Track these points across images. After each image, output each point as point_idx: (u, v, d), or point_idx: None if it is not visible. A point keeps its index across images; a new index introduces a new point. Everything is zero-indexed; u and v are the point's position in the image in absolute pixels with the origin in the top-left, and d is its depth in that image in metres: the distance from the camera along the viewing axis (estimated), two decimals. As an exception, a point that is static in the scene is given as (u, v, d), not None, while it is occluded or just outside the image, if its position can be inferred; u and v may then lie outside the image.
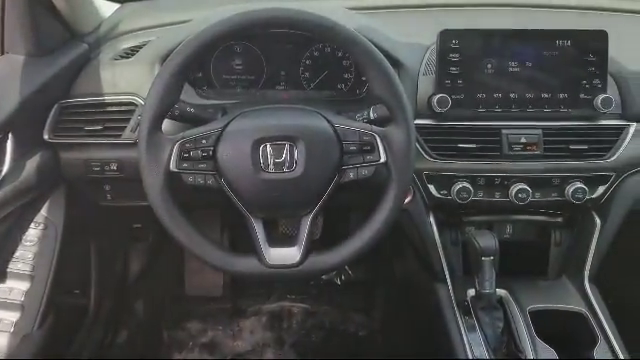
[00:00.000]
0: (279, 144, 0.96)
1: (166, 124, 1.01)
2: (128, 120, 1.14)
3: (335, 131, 0.98)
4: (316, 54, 1.24)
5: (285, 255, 0.98)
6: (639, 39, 1.42)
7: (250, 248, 0.99)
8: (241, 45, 1.23)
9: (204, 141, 0.96)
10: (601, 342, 1.12)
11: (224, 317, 1.96)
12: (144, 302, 1.78)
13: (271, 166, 0.95)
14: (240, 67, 1.24)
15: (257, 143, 0.95)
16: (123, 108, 1.14)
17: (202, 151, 0.96)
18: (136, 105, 1.14)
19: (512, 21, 1.26)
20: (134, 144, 1.06)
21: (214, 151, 0.96)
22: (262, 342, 1.89)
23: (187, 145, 0.95)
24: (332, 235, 1.08)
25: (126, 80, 1.16)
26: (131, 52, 1.24)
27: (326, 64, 1.25)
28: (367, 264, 2.02)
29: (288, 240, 1.00)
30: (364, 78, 1.16)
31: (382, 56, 0.97)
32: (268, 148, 0.95)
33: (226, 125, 0.97)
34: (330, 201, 1.00)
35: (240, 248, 1.04)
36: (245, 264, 0.99)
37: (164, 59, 1.10)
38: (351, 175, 0.99)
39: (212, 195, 0.99)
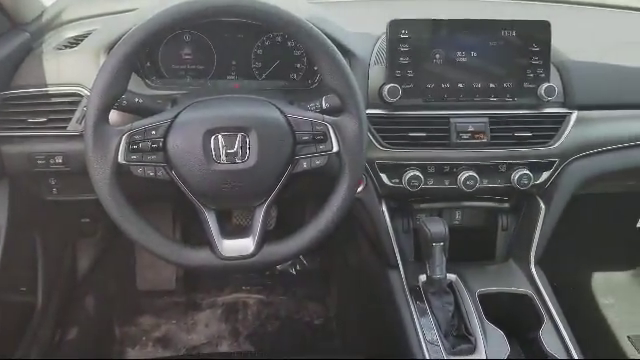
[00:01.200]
0: (231, 134, 0.95)
1: (114, 115, 0.98)
2: (73, 111, 1.10)
3: (288, 121, 0.98)
4: (267, 44, 1.23)
5: (239, 246, 0.98)
6: (581, 30, 1.47)
7: (203, 240, 0.98)
8: (190, 34, 1.21)
9: (153, 132, 0.94)
10: (547, 322, 1.16)
11: (178, 311, 1.94)
12: (94, 298, 1.74)
13: (223, 157, 0.94)
14: (190, 57, 1.22)
15: (208, 134, 0.94)
16: (68, 99, 1.11)
17: (152, 142, 0.94)
18: (81, 96, 1.10)
19: (460, 12, 1.28)
20: (80, 136, 1.03)
21: (164, 142, 0.94)
22: (217, 334, 1.88)
23: (136, 136, 0.93)
24: (287, 225, 1.08)
25: (70, 70, 1.13)
26: (75, 41, 1.20)
27: (278, 54, 1.24)
28: (322, 253, 2.04)
29: (242, 231, 0.99)
30: (316, 68, 1.16)
31: (333, 46, 0.97)
32: (220, 139, 0.94)
33: (176, 116, 0.95)
34: (284, 191, 1.00)
35: (193, 240, 1.03)
36: (198, 257, 0.98)
37: (110, 48, 1.07)
38: (304, 165, 0.99)
39: (163, 187, 0.97)
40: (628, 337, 1.91)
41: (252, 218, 0.99)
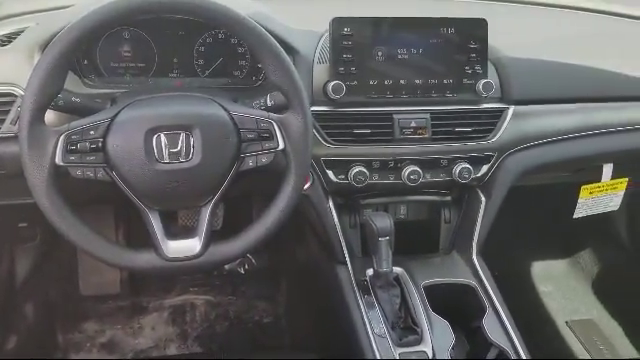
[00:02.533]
0: (174, 133, 0.93)
1: (50, 116, 0.95)
2: (7, 112, 1.05)
3: (232, 119, 0.97)
4: (209, 41, 1.22)
5: (185, 247, 0.96)
6: (517, 27, 1.53)
7: (148, 242, 0.96)
8: (129, 31, 1.18)
9: (92, 132, 0.91)
10: (489, 311, 1.20)
11: (123, 315, 1.89)
12: (34, 305, 1.68)
13: (166, 156, 0.93)
14: (129, 54, 1.19)
15: (150, 133, 0.92)
16: (1, 99, 1.06)
17: (90, 143, 0.91)
18: (15, 96, 1.05)
19: (402, 10, 1.31)
20: (15, 138, 0.99)
21: (104, 142, 0.91)
22: (165, 337, 1.84)
23: (74, 137, 0.90)
24: (234, 224, 1.07)
25: (3, 69, 1.08)
26: (7, 39, 1.15)
27: (220, 51, 1.22)
28: (270, 251, 2.03)
29: (188, 232, 0.98)
30: (260, 65, 1.15)
31: (277, 43, 0.97)
32: (162, 138, 0.92)
33: (116, 115, 0.93)
34: (230, 190, 0.99)
35: (137, 243, 1.00)
36: (142, 259, 0.96)
37: (45, 46, 1.03)
38: (250, 163, 0.98)
39: (104, 189, 0.95)
40: (566, 322, 2.00)
41: (198, 218, 0.98)
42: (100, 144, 0.91)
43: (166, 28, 1.19)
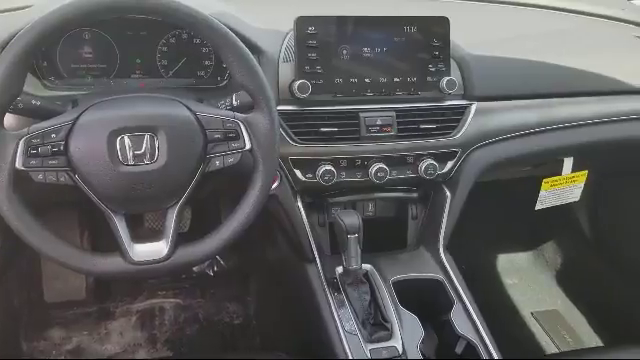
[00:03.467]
0: (138, 135, 0.92)
1: (9, 119, 0.93)
2: None
3: (197, 119, 0.96)
4: (173, 41, 1.20)
5: (152, 250, 0.95)
6: (479, 25, 1.56)
7: (114, 246, 0.95)
8: (90, 32, 1.15)
9: (53, 135, 0.89)
10: (457, 304, 1.22)
11: (89, 321, 1.85)
12: (-3, 313, 1.63)
13: (130, 159, 0.91)
14: (90, 55, 1.16)
15: (113, 135, 0.91)
16: None
17: (52, 146, 0.89)
18: None
19: (366, 8, 1.32)
20: None
21: (66, 145, 0.90)
22: (133, 342, 1.81)
23: (34, 140, 0.88)
24: (202, 226, 1.06)
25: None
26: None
27: (184, 51, 1.21)
28: (239, 252, 2.02)
29: (154, 234, 0.97)
30: (225, 65, 1.15)
31: (241, 43, 0.96)
32: (126, 140, 0.91)
33: (78, 117, 0.91)
34: (197, 191, 0.98)
35: (103, 247, 0.98)
36: (108, 263, 0.94)
37: (2, 48, 1.00)
38: (217, 163, 0.98)
39: (67, 193, 0.93)
40: (532, 313, 2.04)
41: (164, 220, 0.97)
42: (62, 147, 0.90)
43: (128, 28, 1.17)
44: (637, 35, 1.69)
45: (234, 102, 1.04)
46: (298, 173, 1.21)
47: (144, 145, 0.92)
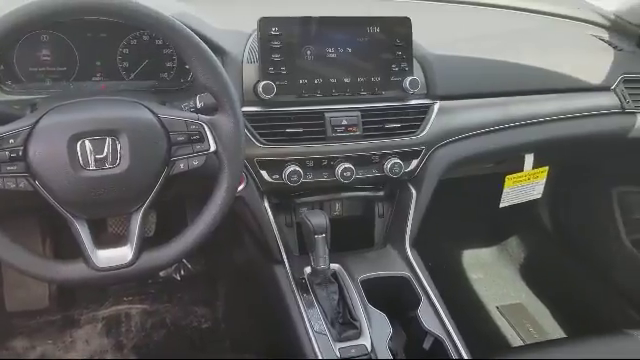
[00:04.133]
0: (99, 139, 0.90)
1: (-36, 124, 0.90)
2: None
3: (160, 122, 0.95)
4: (134, 43, 1.18)
5: (116, 256, 0.93)
6: (440, 25, 1.58)
7: (77, 253, 0.93)
8: (48, 34, 1.12)
9: (11, 140, 0.87)
10: (424, 301, 1.23)
11: (54, 330, 1.81)
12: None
13: (92, 163, 0.89)
14: (48, 58, 1.14)
15: (74, 139, 0.89)
16: None
17: (10, 152, 0.86)
18: None
19: (329, 9, 1.32)
20: None
21: (24, 151, 0.87)
22: (100, 350, 1.78)
23: None
24: (168, 230, 1.05)
25: None
26: None
27: (146, 53, 1.20)
28: (206, 255, 2.00)
29: (118, 240, 0.95)
30: (187, 66, 1.14)
31: (204, 44, 0.96)
32: (87, 144, 0.89)
33: (37, 121, 0.89)
34: (161, 195, 0.97)
35: (66, 254, 0.96)
36: (71, 270, 0.92)
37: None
38: (181, 166, 0.97)
39: (27, 199, 0.91)
40: (497, 307, 2.08)
41: (128, 225, 0.95)
42: (21, 153, 0.87)
43: (87, 30, 1.15)
44: (592, 34, 1.74)
45: (198, 104, 1.03)
46: (264, 174, 1.21)
47: (105, 149, 0.90)
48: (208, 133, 0.97)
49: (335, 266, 1.26)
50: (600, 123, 1.55)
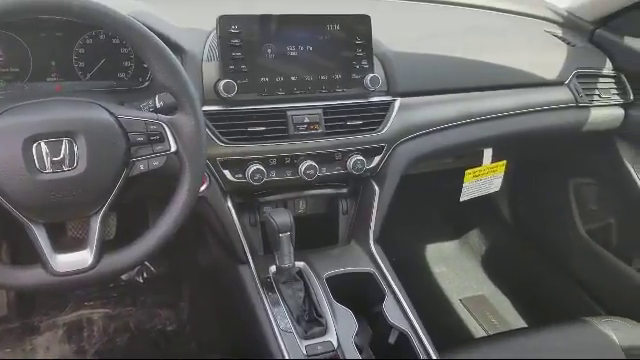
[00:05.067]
0: (56, 141, 0.88)
1: None
2: None
3: (119, 122, 0.93)
4: (90, 42, 1.16)
5: (75, 260, 0.91)
6: (399, 23, 1.59)
7: (35, 258, 0.90)
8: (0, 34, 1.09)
9: None
10: (388, 296, 1.24)
11: (13, 338, 1.76)
12: None
13: (48, 166, 0.87)
14: (1, 59, 1.10)
15: (29, 141, 0.86)
16: None
17: None
18: None
19: (289, 6, 1.32)
20: None
21: None
22: (61, 356, 1.74)
23: None
24: (130, 232, 1.03)
25: None
26: None
27: (102, 52, 1.17)
28: (169, 257, 1.98)
29: (78, 244, 0.93)
30: (146, 65, 1.12)
31: (162, 42, 0.94)
32: (43, 146, 0.87)
33: None
34: (121, 197, 0.95)
35: (24, 260, 0.94)
36: (29, 276, 0.90)
37: None
38: (141, 167, 0.95)
39: None
40: (460, 300, 2.12)
41: (88, 228, 0.93)
42: None
43: (41, 30, 1.12)
44: (547, 30, 1.79)
45: (157, 103, 1.01)
46: (227, 174, 1.20)
47: (62, 151, 0.88)
48: (168, 133, 0.95)
49: (300, 264, 1.26)
50: (555, 117, 1.59)
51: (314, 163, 1.24)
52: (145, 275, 1.98)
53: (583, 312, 1.41)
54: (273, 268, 1.23)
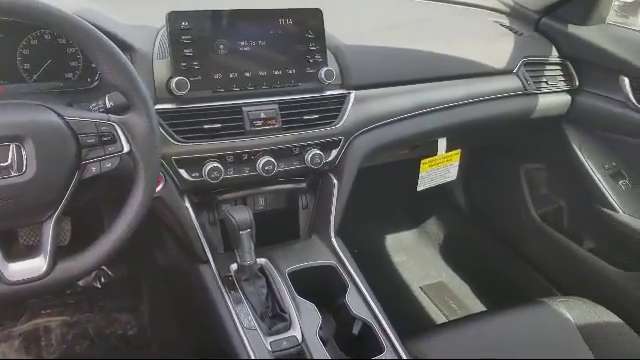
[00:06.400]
0: (2, 146, 0.85)
1: None
2: None
3: (68, 124, 0.90)
4: (35, 42, 1.12)
5: (28, 268, 0.88)
6: (350, 16, 1.60)
7: None
8: None
9: None
10: (350, 287, 1.25)
11: (-35, 352, 1.69)
12: None
13: None
14: None
15: None
16: None
17: None
18: None
19: (239, 1, 1.31)
20: None
21: None
22: (18, 367, 1.68)
23: None
24: (85, 237, 1.00)
25: None
26: None
27: (48, 53, 1.13)
28: (127, 260, 1.94)
29: (30, 251, 0.90)
30: (94, 65, 1.09)
31: (110, 41, 0.92)
32: None
33: None
34: (74, 201, 0.92)
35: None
36: None
37: None
38: (93, 170, 0.93)
39: None
40: (420, 287, 2.16)
41: (40, 235, 0.91)
42: None
43: None
44: (495, 20, 1.83)
45: (107, 104, 0.98)
46: (183, 173, 1.18)
47: (10, 156, 0.85)
48: (120, 133, 0.93)
49: (262, 260, 1.25)
50: (505, 105, 1.63)
51: (272, 159, 1.23)
52: (103, 280, 1.93)
53: (539, 294, 1.46)
54: (234, 266, 1.22)
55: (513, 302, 1.38)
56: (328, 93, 1.30)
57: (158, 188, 1.14)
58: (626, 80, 1.61)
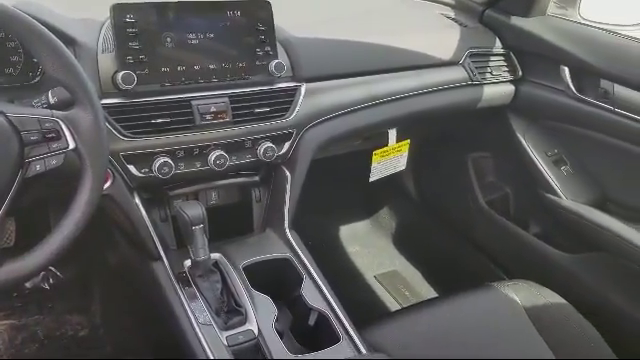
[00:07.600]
0: None
1: None
2: None
3: (9, 121, 0.87)
4: None
5: None
6: (299, 8, 1.60)
7: None
8: None
9: None
10: (306, 279, 1.25)
11: None
12: None
13: None
14: None
15: None
16: None
17: None
18: None
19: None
20: None
21: None
22: (-37, 375, 1.62)
23: None
24: (32, 237, 0.97)
25: None
26: None
27: None
28: (76, 259, 1.89)
29: (-27, 253, 0.87)
30: (36, 60, 1.05)
31: (51, 34, 0.89)
32: None
33: None
34: (18, 200, 0.89)
35: None
36: None
37: None
38: (37, 167, 0.90)
39: None
40: (374, 276, 2.19)
41: (-17, 236, 0.88)
42: None
43: None
44: (440, 12, 1.86)
45: (51, 99, 0.96)
46: (132, 169, 1.16)
47: None
48: (65, 130, 0.90)
49: (216, 255, 1.24)
50: (453, 96, 1.67)
51: (224, 152, 1.22)
52: (51, 281, 1.88)
53: (488, 278, 1.50)
54: (188, 262, 1.21)
55: (463, 287, 1.42)
56: (279, 86, 1.29)
57: (106, 185, 1.11)
58: (566, 70, 1.67)
